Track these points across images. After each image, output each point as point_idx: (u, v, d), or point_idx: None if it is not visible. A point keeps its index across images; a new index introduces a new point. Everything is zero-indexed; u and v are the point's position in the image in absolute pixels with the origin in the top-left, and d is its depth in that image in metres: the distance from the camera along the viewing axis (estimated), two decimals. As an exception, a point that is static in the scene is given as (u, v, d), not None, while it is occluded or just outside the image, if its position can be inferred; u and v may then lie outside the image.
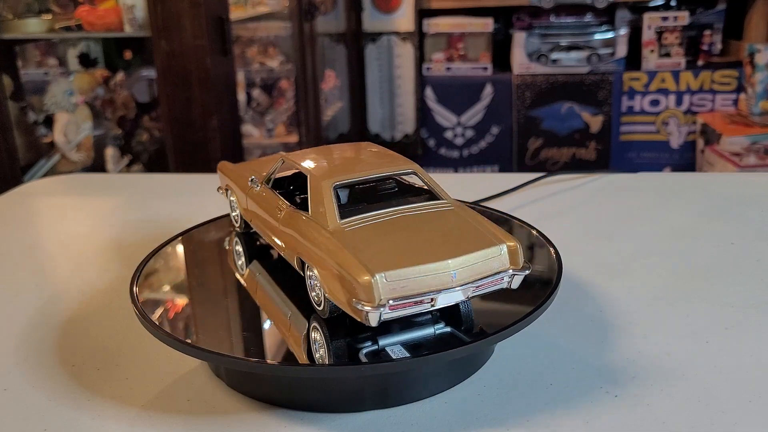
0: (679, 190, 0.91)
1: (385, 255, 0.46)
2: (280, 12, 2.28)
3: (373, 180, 0.54)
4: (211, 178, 1.17)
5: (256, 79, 2.38)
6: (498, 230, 0.49)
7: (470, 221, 0.50)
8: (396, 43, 2.85)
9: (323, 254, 0.48)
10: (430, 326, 0.48)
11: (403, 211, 0.50)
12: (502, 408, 0.48)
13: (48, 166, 1.99)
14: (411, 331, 0.47)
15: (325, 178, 0.51)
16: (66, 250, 0.80)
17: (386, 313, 0.44)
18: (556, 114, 2.79)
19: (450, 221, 0.50)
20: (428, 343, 0.46)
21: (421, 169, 0.54)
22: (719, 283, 0.65)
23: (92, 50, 2.21)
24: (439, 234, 0.48)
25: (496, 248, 0.47)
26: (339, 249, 0.47)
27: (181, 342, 0.47)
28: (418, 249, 0.46)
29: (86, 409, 0.49)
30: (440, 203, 0.52)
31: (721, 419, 0.46)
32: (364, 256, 0.45)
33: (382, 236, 0.48)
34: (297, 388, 0.48)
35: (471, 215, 0.51)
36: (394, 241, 0.47)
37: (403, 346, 0.46)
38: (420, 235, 0.48)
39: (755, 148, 2.38)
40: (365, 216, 0.50)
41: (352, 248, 0.46)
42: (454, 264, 0.45)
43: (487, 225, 0.49)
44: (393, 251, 0.46)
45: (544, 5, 2.67)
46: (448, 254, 0.45)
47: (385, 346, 0.46)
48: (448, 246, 0.47)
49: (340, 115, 2.76)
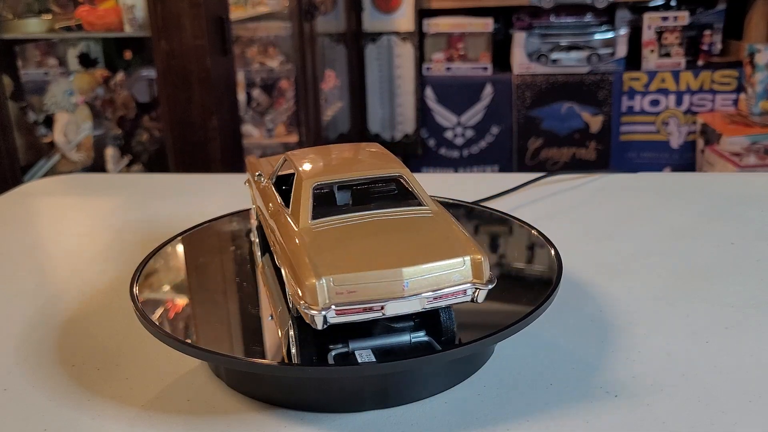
0: (679, 190, 0.91)
1: (339, 258, 0.45)
2: (280, 12, 2.28)
3: (359, 182, 0.53)
4: (211, 178, 1.17)
5: (256, 79, 2.38)
6: (468, 241, 0.47)
7: (443, 230, 0.48)
8: (396, 43, 2.85)
9: (287, 253, 0.47)
10: (407, 334, 0.47)
11: (378, 215, 0.49)
12: (502, 408, 0.48)
13: (48, 166, 1.99)
14: (386, 337, 0.47)
15: (307, 178, 0.51)
16: (66, 250, 0.80)
17: (332, 318, 0.43)
18: (556, 114, 2.79)
19: (422, 228, 0.48)
20: (401, 351, 0.46)
21: (409, 174, 0.52)
22: (719, 283, 0.65)
23: (92, 50, 2.21)
24: (404, 241, 0.47)
25: (459, 260, 0.45)
26: (298, 249, 0.47)
27: (181, 342, 0.47)
28: (375, 255, 0.45)
29: (86, 409, 0.49)
30: (420, 209, 0.50)
31: (721, 419, 0.46)
32: (318, 258, 0.45)
33: (345, 239, 0.47)
34: (297, 388, 0.48)
35: (447, 224, 0.49)
36: (356, 245, 0.47)
37: (374, 351, 0.45)
38: (384, 241, 0.47)
39: (755, 148, 2.38)
40: (338, 218, 0.49)
41: (310, 249, 0.46)
42: (408, 273, 0.44)
43: (460, 235, 0.48)
44: (349, 255, 0.46)
45: (544, 5, 2.67)
46: (404, 262, 0.44)
47: (355, 350, 0.46)
48: (407, 254, 0.45)
49: (340, 115, 2.76)
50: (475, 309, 0.52)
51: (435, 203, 0.52)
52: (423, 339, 0.47)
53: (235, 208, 0.75)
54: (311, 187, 0.51)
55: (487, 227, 0.68)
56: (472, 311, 0.53)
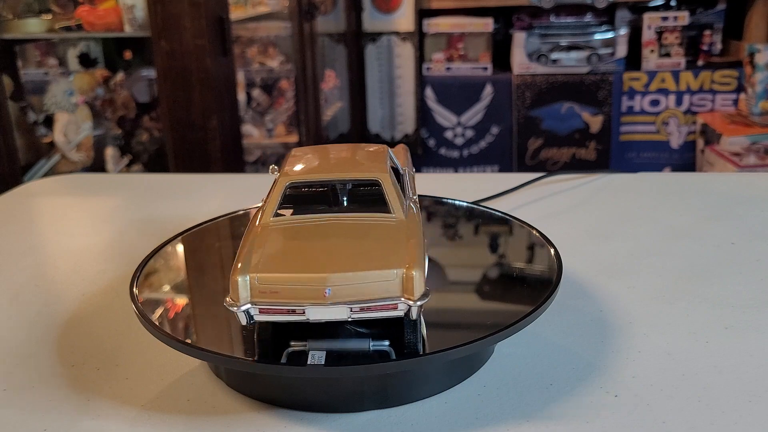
0: (679, 190, 0.91)
1: (272, 258, 0.45)
2: (280, 12, 2.28)
3: (334, 183, 0.54)
4: (211, 178, 1.17)
5: (256, 79, 2.38)
6: (409, 255, 0.44)
7: (392, 240, 0.46)
8: (396, 43, 2.85)
9: (241, 247, 0.48)
10: (367, 340, 0.46)
11: (339, 219, 0.49)
12: (502, 408, 0.48)
13: (48, 166, 1.99)
14: (346, 341, 0.46)
15: (284, 176, 0.52)
16: (66, 250, 0.80)
17: (257, 315, 0.44)
18: (556, 114, 2.79)
19: (372, 236, 0.47)
20: (357, 356, 0.45)
21: (387, 179, 0.51)
22: (719, 283, 0.65)
23: (92, 50, 2.21)
24: (345, 247, 0.46)
25: (390, 272, 0.43)
26: (245, 244, 0.47)
27: (181, 342, 0.47)
28: (308, 258, 0.45)
29: (86, 409, 0.49)
30: (384, 216, 0.49)
31: (721, 419, 0.46)
32: (254, 256, 0.45)
33: (292, 239, 0.48)
34: (297, 388, 0.48)
35: (402, 234, 0.47)
36: (296, 247, 0.47)
37: (330, 354, 0.45)
38: (326, 245, 0.47)
39: (755, 148, 2.38)
40: (299, 217, 0.50)
41: (254, 245, 0.47)
42: (331, 279, 0.43)
43: (406, 247, 0.46)
44: (284, 256, 0.46)
45: (544, 5, 2.67)
46: (330, 269, 0.44)
47: (311, 349, 0.45)
48: (339, 260, 0.45)
49: (340, 115, 2.76)
50: (475, 309, 0.52)
51: (410, 210, 0.51)
52: (383, 347, 0.46)
53: (235, 208, 0.75)
54: (285, 185, 0.51)
55: (487, 227, 0.68)
56: (473, 311, 0.53)
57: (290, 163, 0.55)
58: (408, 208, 0.51)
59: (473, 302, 0.54)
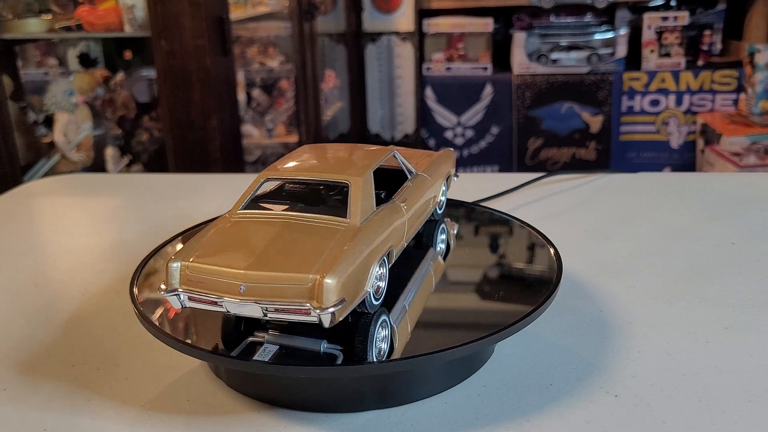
0: (679, 190, 0.91)
1: (209, 249, 0.47)
2: (280, 12, 2.28)
3: (307, 183, 0.55)
4: (211, 178, 1.17)
5: (256, 79, 2.38)
6: (335, 263, 0.44)
7: (327, 246, 0.46)
8: (396, 43, 2.85)
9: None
10: (321, 341, 0.47)
11: (295, 218, 0.50)
12: (502, 408, 0.48)
13: (48, 166, 1.99)
14: (301, 339, 0.47)
15: (267, 170, 0.54)
16: (66, 250, 0.80)
17: (186, 302, 0.46)
18: (556, 114, 2.79)
19: (313, 239, 0.48)
20: (307, 356, 0.46)
21: (358, 184, 0.51)
22: (719, 283, 0.65)
23: (92, 50, 2.21)
24: (280, 247, 0.47)
25: (304, 277, 0.43)
26: (202, 232, 0.50)
27: (181, 342, 0.47)
28: (240, 253, 0.46)
29: (86, 410, 0.49)
30: (336, 221, 0.49)
31: (721, 419, 0.46)
32: (196, 245, 0.48)
33: (237, 233, 0.49)
34: (297, 388, 0.48)
35: (339, 241, 0.47)
36: (237, 241, 0.48)
37: (283, 349, 0.46)
38: (264, 243, 0.47)
39: (755, 148, 2.37)
40: (260, 212, 0.51)
41: (206, 234, 0.49)
42: (246, 277, 0.44)
43: (333, 254, 0.45)
44: (221, 248, 0.47)
45: (544, 5, 2.67)
46: (250, 266, 0.45)
47: (267, 342, 0.46)
48: (264, 259, 0.45)
49: (340, 115, 2.76)
50: (475, 309, 0.52)
51: (378, 216, 0.50)
52: (333, 351, 0.46)
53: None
54: (262, 179, 0.53)
55: (487, 227, 0.68)
56: (473, 311, 0.53)
57: (285, 159, 0.56)
58: (382, 214, 0.51)
59: (473, 302, 0.54)
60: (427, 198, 0.60)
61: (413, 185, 0.58)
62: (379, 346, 0.47)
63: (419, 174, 0.60)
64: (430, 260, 0.60)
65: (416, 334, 0.49)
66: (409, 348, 0.47)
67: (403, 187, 0.57)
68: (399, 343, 0.48)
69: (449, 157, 0.70)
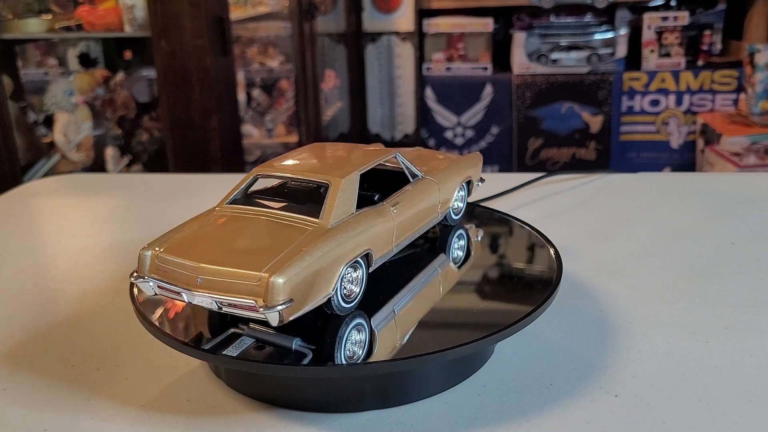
0: (679, 190, 0.91)
1: (182, 240, 0.49)
2: (280, 12, 2.28)
3: (293, 181, 0.56)
4: (211, 178, 1.17)
5: (256, 79, 2.38)
6: (288, 263, 0.45)
7: (287, 246, 0.47)
8: (396, 43, 2.85)
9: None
10: (294, 339, 0.47)
11: (271, 216, 0.51)
12: (502, 408, 0.48)
13: (48, 166, 1.99)
14: (276, 336, 0.48)
15: (260, 166, 0.54)
16: (66, 250, 0.80)
17: (157, 290, 0.48)
18: (556, 114, 2.79)
19: (277, 238, 0.48)
20: (279, 352, 0.46)
21: (338, 184, 0.51)
22: (719, 283, 0.65)
23: (92, 50, 2.21)
24: (248, 244, 0.48)
25: (255, 275, 0.44)
26: (183, 225, 0.52)
27: (181, 342, 0.47)
28: (205, 247, 0.48)
29: (86, 409, 0.49)
30: (307, 221, 0.50)
31: (721, 419, 0.46)
32: (174, 236, 0.50)
33: (218, 227, 0.50)
34: (297, 388, 0.48)
35: (308, 242, 0.47)
36: (209, 234, 0.50)
37: (258, 343, 0.47)
38: (231, 238, 0.49)
39: (755, 148, 2.37)
40: (246, 208, 0.52)
41: (186, 226, 0.51)
42: (202, 270, 0.46)
43: (288, 255, 0.46)
44: (192, 240, 0.49)
45: (544, 5, 2.67)
46: (209, 260, 0.46)
47: (246, 335, 0.47)
48: (224, 254, 0.47)
49: (340, 115, 2.76)
50: (475, 309, 0.52)
51: (347, 220, 0.50)
52: (304, 349, 0.47)
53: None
54: (253, 176, 0.55)
55: (487, 227, 0.68)
56: (472, 311, 0.53)
57: (282, 156, 0.57)
58: (361, 216, 0.51)
59: (473, 302, 0.54)
60: (430, 202, 0.59)
61: (414, 189, 0.57)
62: (352, 350, 0.46)
63: (425, 177, 0.60)
64: (438, 266, 0.59)
65: (416, 334, 0.49)
66: (409, 348, 0.47)
67: (402, 190, 0.57)
68: (381, 347, 0.47)
69: (472, 161, 0.68)
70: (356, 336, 0.48)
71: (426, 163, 0.63)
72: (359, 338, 0.48)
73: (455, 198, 0.64)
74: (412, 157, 0.64)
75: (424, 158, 0.65)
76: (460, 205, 0.66)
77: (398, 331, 0.49)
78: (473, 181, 0.67)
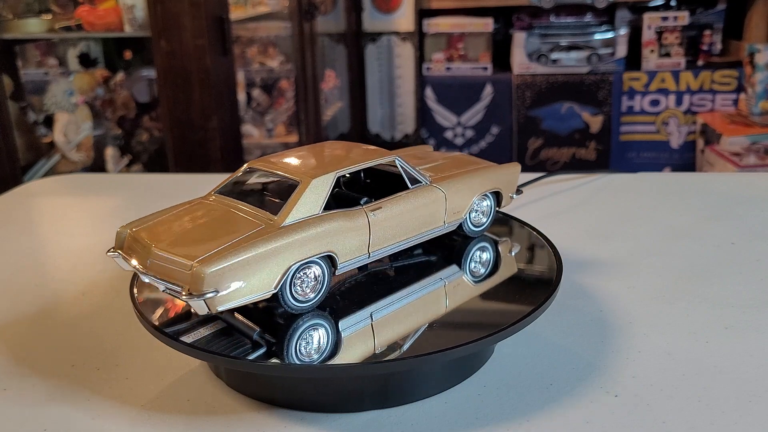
0: (679, 190, 0.91)
1: (156, 223, 0.53)
2: (280, 12, 2.28)
3: (274, 177, 0.56)
4: (212, 178, 1.17)
5: (256, 79, 2.38)
6: (218, 254, 0.46)
7: (241, 238, 0.48)
8: (396, 43, 2.85)
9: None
10: (254, 330, 0.49)
11: (236, 207, 0.53)
12: (502, 408, 0.48)
13: (48, 166, 1.99)
14: (240, 323, 0.50)
15: (255, 160, 0.57)
16: (66, 250, 0.80)
17: (125, 266, 0.52)
18: (556, 114, 2.79)
19: (233, 230, 0.50)
20: (243, 339, 0.47)
21: (306, 185, 0.51)
22: (719, 283, 0.65)
23: (92, 50, 2.21)
24: (203, 233, 0.50)
25: (187, 263, 0.46)
26: (168, 209, 0.55)
27: (181, 342, 0.47)
28: (168, 231, 0.51)
29: (86, 409, 0.49)
30: (267, 216, 0.50)
31: (721, 419, 0.46)
32: (153, 218, 0.53)
33: (192, 213, 0.53)
34: (297, 388, 0.48)
35: (257, 236, 0.48)
36: (185, 220, 0.53)
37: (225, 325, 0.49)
38: (197, 226, 0.51)
39: (755, 148, 2.37)
40: (229, 199, 0.54)
41: (168, 211, 0.54)
42: (152, 253, 0.49)
43: (234, 248, 0.47)
44: (162, 223, 0.52)
45: (544, 5, 2.67)
46: (161, 245, 0.49)
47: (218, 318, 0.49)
48: (178, 241, 0.49)
49: (340, 115, 2.76)
50: (475, 309, 0.52)
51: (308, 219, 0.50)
52: (261, 341, 0.48)
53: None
54: (244, 168, 0.56)
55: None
56: (472, 311, 0.53)
57: (285, 152, 0.57)
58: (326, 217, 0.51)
59: (473, 302, 0.54)
60: (429, 211, 0.57)
61: (408, 195, 0.55)
62: (308, 349, 0.47)
63: (430, 185, 0.57)
64: (445, 277, 0.57)
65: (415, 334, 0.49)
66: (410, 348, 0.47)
67: (393, 196, 0.55)
68: (347, 349, 0.47)
69: (506, 171, 0.64)
70: (314, 335, 0.48)
71: (454, 169, 0.61)
72: (317, 338, 0.48)
73: (474, 209, 0.61)
74: (447, 162, 0.63)
75: (460, 163, 0.63)
76: (482, 217, 0.62)
77: (375, 337, 0.48)
78: (503, 192, 0.64)
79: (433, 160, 0.64)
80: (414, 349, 0.47)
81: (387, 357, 0.46)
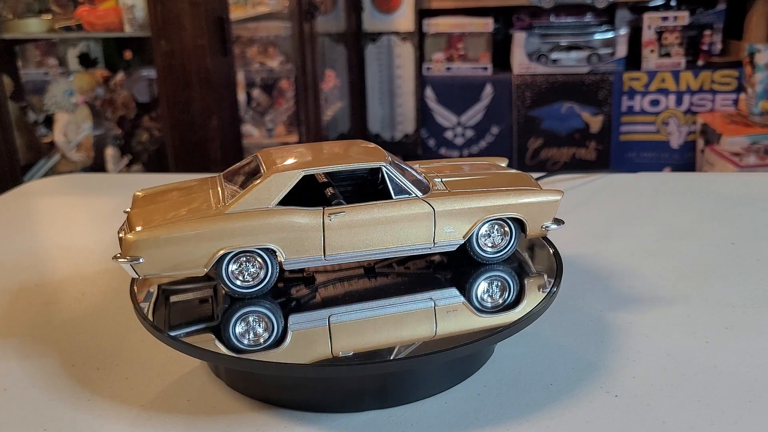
0: (679, 190, 0.91)
1: (158, 192, 0.60)
2: (280, 12, 2.28)
3: (255, 165, 0.59)
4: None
5: (256, 79, 2.38)
6: (155, 229, 0.51)
7: (184, 219, 0.52)
8: (396, 43, 2.85)
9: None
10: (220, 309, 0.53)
11: (215, 193, 0.56)
12: (502, 408, 0.48)
13: (48, 166, 1.99)
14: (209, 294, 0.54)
15: (263, 149, 0.59)
16: (66, 250, 0.80)
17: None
18: (556, 114, 2.79)
19: (187, 210, 0.54)
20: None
21: (264, 178, 0.52)
22: (719, 283, 0.65)
23: (92, 50, 2.21)
24: (170, 209, 0.55)
25: (135, 230, 0.51)
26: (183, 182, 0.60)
27: (181, 342, 0.47)
28: (155, 203, 0.56)
29: (86, 409, 0.49)
30: (220, 204, 0.54)
31: (721, 419, 0.46)
32: (162, 188, 0.60)
33: (184, 192, 0.58)
34: (297, 388, 0.48)
35: (190, 218, 0.52)
36: (174, 195, 0.58)
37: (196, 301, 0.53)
38: (174, 203, 0.56)
39: (755, 148, 2.37)
40: (216, 181, 0.58)
41: (181, 184, 0.60)
42: (124, 223, 0.55)
43: (165, 224, 0.51)
44: (162, 194, 0.59)
45: (544, 5, 2.67)
46: (131, 215, 0.55)
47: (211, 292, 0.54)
48: (145, 214, 0.54)
49: (340, 115, 2.76)
50: (475, 309, 0.52)
51: (253, 211, 0.51)
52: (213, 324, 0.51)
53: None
54: (252, 156, 0.59)
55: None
56: (473, 311, 0.53)
57: (293, 146, 0.59)
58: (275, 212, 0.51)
59: (473, 302, 0.54)
60: (406, 225, 0.53)
61: (385, 205, 0.53)
62: (249, 337, 0.48)
63: (417, 198, 0.54)
64: (437, 299, 0.53)
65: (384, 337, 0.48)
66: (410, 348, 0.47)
67: (365, 204, 0.53)
68: (294, 342, 0.47)
69: (531, 199, 0.57)
70: (246, 324, 0.50)
71: (478, 187, 0.57)
72: (255, 326, 0.50)
73: (484, 233, 0.57)
74: (485, 179, 0.59)
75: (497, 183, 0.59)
76: (499, 242, 0.57)
77: (331, 339, 0.48)
78: (526, 221, 0.57)
79: (473, 174, 0.60)
80: (414, 349, 0.47)
81: (387, 357, 0.46)
